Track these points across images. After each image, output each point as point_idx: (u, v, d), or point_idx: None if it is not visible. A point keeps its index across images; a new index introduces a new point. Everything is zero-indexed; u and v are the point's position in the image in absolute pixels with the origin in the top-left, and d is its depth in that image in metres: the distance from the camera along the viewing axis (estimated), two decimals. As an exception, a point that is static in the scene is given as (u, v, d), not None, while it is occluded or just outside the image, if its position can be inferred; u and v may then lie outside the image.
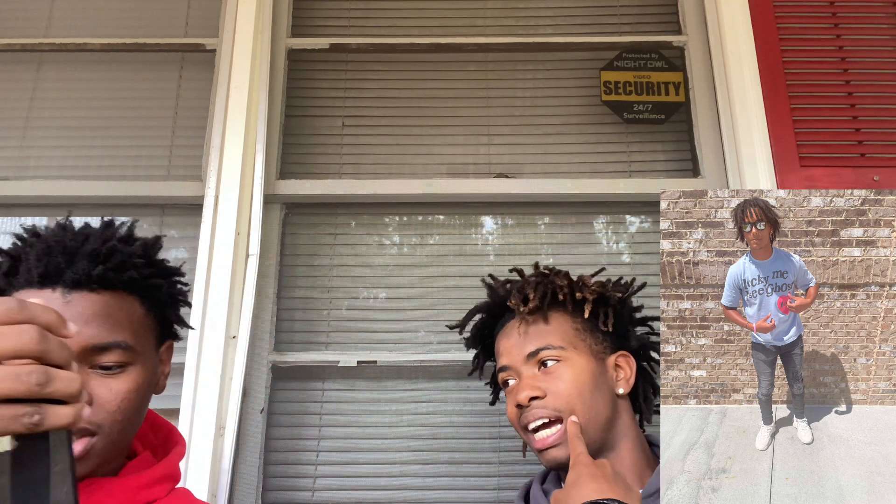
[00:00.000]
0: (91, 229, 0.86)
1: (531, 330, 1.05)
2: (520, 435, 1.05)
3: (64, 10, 1.85)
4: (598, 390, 1.02)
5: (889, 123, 1.61)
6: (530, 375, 1.02)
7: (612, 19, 1.84)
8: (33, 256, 0.80)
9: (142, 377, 0.83)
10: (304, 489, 1.49)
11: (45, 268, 0.79)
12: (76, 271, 0.79)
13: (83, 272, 0.79)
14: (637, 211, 1.69)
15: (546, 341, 1.03)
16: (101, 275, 0.80)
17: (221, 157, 1.56)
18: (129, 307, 0.83)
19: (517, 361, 1.04)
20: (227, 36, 1.68)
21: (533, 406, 0.99)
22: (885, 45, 1.67)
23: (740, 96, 1.61)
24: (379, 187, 1.67)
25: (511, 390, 1.05)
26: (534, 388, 1.00)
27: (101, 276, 0.80)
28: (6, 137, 1.73)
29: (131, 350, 0.81)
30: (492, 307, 1.16)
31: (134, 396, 0.81)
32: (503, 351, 1.08)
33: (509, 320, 1.09)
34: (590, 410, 0.99)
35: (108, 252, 0.82)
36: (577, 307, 1.08)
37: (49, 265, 0.79)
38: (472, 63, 1.81)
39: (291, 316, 1.61)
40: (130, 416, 0.81)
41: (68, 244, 0.81)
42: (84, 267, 0.79)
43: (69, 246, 0.81)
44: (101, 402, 0.78)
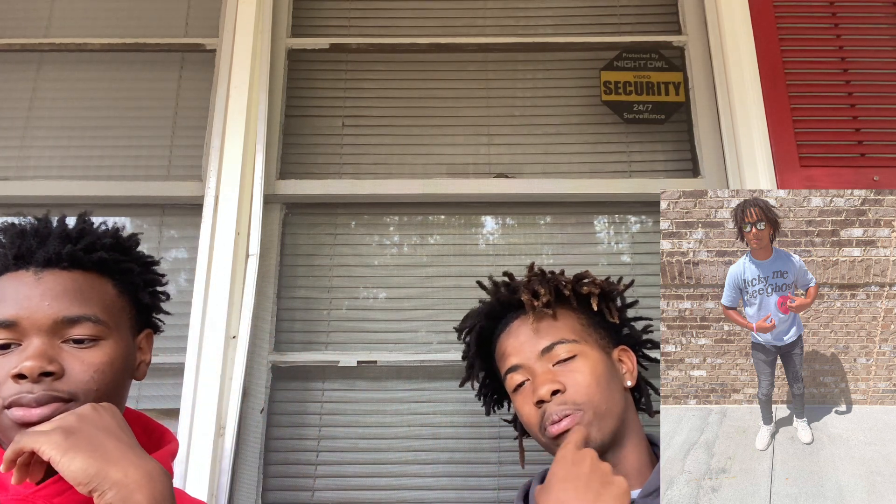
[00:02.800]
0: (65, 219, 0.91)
1: (542, 326, 1.03)
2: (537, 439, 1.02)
3: (64, 10, 1.85)
4: (612, 382, 1.01)
5: (889, 123, 1.61)
6: (546, 371, 1.00)
7: (612, 19, 1.84)
8: (7, 240, 0.86)
9: (115, 352, 0.85)
10: (304, 489, 1.49)
11: (18, 249, 0.84)
12: (47, 251, 0.84)
13: (53, 251, 0.84)
14: (637, 211, 1.69)
15: (560, 335, 1.02)
16: (70, 253, 0.84)
17: (221, 157, 1.56)
18: (100, 286, 0.87)
19: (530, 359, 1.02)
20: (227, 36, 1.68)
21: (554, 401, 0.97)
22: (885, 45, 1.67)
23: (740, 96, 1.61)
24: (379, 187, 1.67)
25: (526, 390, 1.02)
26: (554, 382, 0.97)
27: (71, 255, 0.85)
28: (6, 137, 1.73)
29: (102, 324, 0.84)
30: (492, 309, 1.13)
31: (108, 369, 0.83)
32: (511, 351, 1.05)
33: (513, 320, 1.07)
34: (608, 401, 0.98)
35: (78, 234, 0.88)
36: (581, 303, 1.08)
37: (21, 247, 0.84)
38: (472, 63, 1.81)
39: (291, 316, 1.61)
40: (106, 389, 0.83)
41: (41, 228, 0.87)
42: (54, 247, 0.84)
43: (41, 230, 0.87)
44: (74, 374, 0.81)
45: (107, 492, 0.68)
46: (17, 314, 0.80)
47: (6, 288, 0.83)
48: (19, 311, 0.80)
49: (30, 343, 0.80)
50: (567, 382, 0.98)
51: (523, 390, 1.02)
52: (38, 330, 0.80)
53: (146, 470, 0.71)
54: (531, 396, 0.99)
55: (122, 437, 0.74)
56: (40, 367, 0.78)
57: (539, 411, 0.98)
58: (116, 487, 0.69)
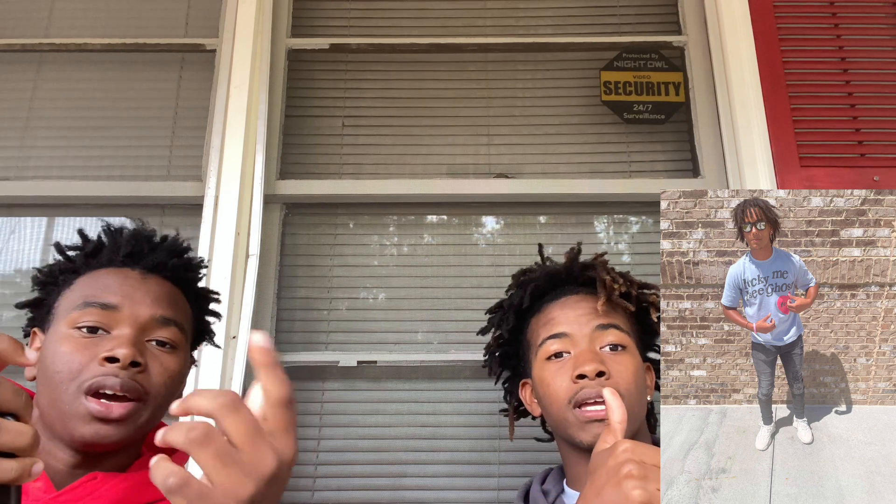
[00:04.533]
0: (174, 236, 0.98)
1: (605, 308, 0.99)
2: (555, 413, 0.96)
3: (64, 10, 1.85)
4: (642, 389, 0.98)
5: (889, 123, 1.61)
6: (595, 350, 0.95)
7: (612, 19, 1.84)
8: (122, 239, 0.92)
9: (183, 365, 0.89)
10: (304, 489, 1.49)
11: (132, 248, 0.90)
12: (157, 257, 0.91)
13: (161, 260, 0.91)
14: (637, 211, 1.69)
15: (618, 321, 0.99)
16: (174, 266, 0.92)
17: (221, 157, 1.56)
18: (184, 302, 0.93)
19: (581, 331, 0.97)
20: (227, 36, 1.68)
21: (597, 381, 0.92)
22: (885, 45, 1.67)
23: (740, 96, 1.61)
24: (379, 187, 1.67)
25: (565, 362, 0.96)
26: (602, 363, 0.93)
27: (174, 267, 0.92)
28: (6, 137, 1.73)
29: (184, 332, 0.89)
30: (555, 276, 1.06)
31: (178, 378, 0.87)
32: (563, 319, 0.99)
33: (570, 293, 1.03)
34: (637, 403, 0.95)
35: (180, 251, 0.96)
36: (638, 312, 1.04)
37: (135, 247, 0.91)
38: (472, 63, 1.81)
39: (291, 316, 1.61)
40: (171, 396, 0.85)
41: (151, 236, 0.95)
42: (162, 256, 0.91)
43: (151, 237, 0.95)
44: (153, 373, 0.83)
45: None
46: (120, 301, 0.84)
47: (111, 279, 0.87)
48: (123, 299, 0.84)
49: (121, 333, 0.82)
50: (612, 370, 0.93)
51: (561, 361, 0.97)
52: (133, 321, 0.83)
53: None
54: (570, 369, 0.94)
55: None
56: (133, 355, 0.80)
57: (575, 386, 0.93)
58: None
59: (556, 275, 1.06)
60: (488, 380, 1.21)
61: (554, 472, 1.06)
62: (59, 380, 0.79)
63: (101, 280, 0.87)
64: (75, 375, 0.79)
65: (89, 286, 0.86)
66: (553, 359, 0.98)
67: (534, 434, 1.15)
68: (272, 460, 0.52)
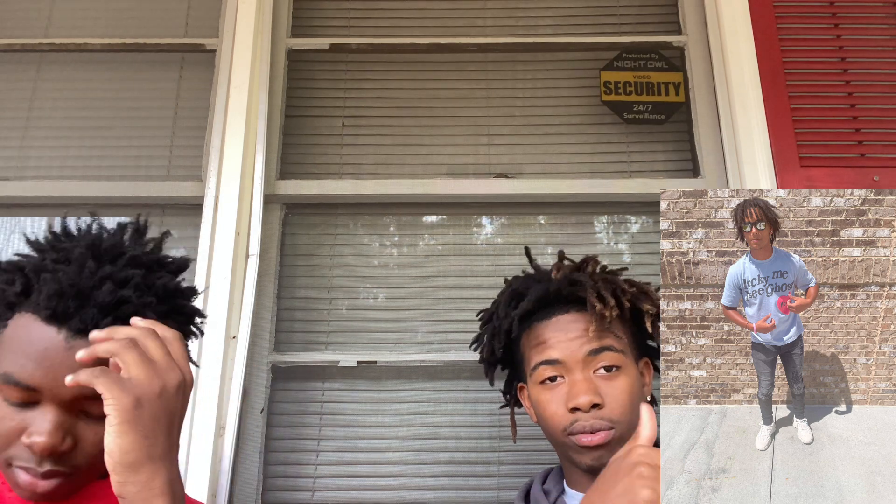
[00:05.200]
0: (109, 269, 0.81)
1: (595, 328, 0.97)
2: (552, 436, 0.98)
3: (64, 10, 1.85)
4: (639, 397, 0.98)
5: (889, 123, 1.61)
6: (588, 378, 0.95)
7: (612, 19, 1.84)
8: (44, 294, 0.77)
9: None
10: (304, 489, 1.49)
11: (54, 310, 0.76)
12: (84, 319, 0.77)
13: (91, 321, 0.77)
14: (637, 211, 1.69)
15: (609, 342, 0.97)
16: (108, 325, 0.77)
17: (221, 157, 1.56)
18: None
19: (573, 358, 0.96)
20: (227, 36, 1.68)
21: (592, 414, 0.93)
22: (885, 45, 1.67)
23: (740, 96, 1.61)
24: (379, 187, 1.67)
25: (559, 389, 0.96)
26: (595, 394, 0.93)
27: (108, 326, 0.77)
28: (6, 137, 1.73)
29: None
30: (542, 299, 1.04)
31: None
32: (554, 343, 0.99)
33: (561, 312, 1.01)
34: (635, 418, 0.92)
35: (121, 300, 0.79)
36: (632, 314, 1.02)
37: (58, 307, 0.76)
38: (472, 63, 1.81)
39: (291, 316, 1.61)
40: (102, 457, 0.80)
41: (82, 286, 0.78)
42: (93, 316, 0.77)
43: (82, 288, 0.78)
44: (84, 445, 0.77)
45: (130, 486, 0.66)
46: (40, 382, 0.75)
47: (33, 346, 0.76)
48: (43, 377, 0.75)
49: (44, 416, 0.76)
50: (606, 396, 0.94)
51: (555, 387, 0.97)
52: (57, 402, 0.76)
53: (171, 478, 0.69)
54: (564, 397, 0.95)
55: (172, 434, 0.71)
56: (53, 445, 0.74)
57: (571, 416, 0.94)
58: (140, 486, 0.66)
59: (545, 297, 1.04)
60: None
61: (554, 472, 1.06)
62: None
63: (24, 344, 0.76)
64: (2, 448, 0.76)
65: (12, 351, 0.76)
66: (547, 382, 0.98)
67: (534, 434, 1.15)
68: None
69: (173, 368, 0.72)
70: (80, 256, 0.81)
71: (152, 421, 0.69)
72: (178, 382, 0.72)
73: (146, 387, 0.69)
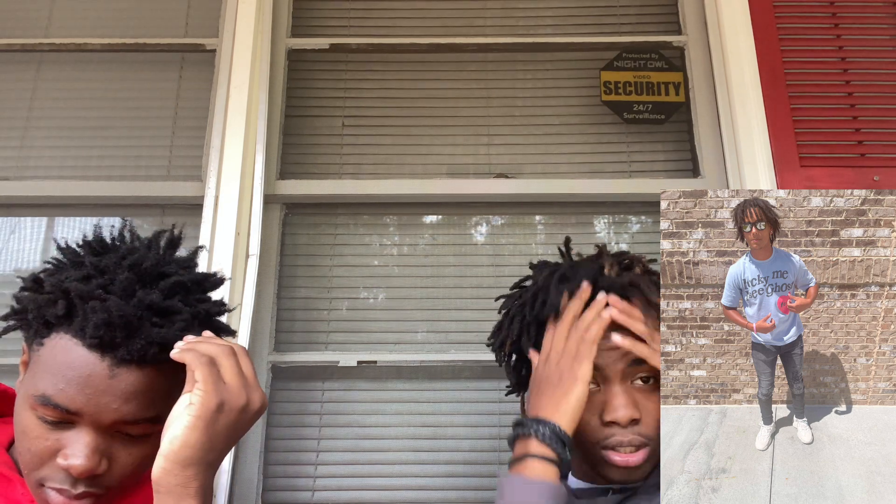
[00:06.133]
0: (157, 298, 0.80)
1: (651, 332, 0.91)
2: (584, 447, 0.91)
3: (64, 10, 1.85)
4: None
5: (889, 123, 1.61)
6: (628, 391, 0.89)
7: (612, 19, 1.84)
8: (92, 323, 0.76)
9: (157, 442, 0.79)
10: (304, 489, 1.49)
11: (101, 340, 0.76)
12: (132, 351, 0.76)
13: (137, 353, 0.77)
14: (637, 211, 1.69)
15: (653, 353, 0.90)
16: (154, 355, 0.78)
17: (221, 157, 1.56)
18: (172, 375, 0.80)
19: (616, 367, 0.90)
20: (227, 36, 1.68)
21: (629, 430, 0.87)
22: (885, 45, 1.67)
23: (740, 96, 1.61)
24: (379, 187, 1.67)
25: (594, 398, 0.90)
26: (635, 409, 0.88)
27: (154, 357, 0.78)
28: (6, 137, 1.73)
29: (159, 422, 0.78)
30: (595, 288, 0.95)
31: (147, 461, 0.80)
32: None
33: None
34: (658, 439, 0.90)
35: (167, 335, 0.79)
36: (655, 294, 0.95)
37: (105, 337, 0.76)
38: (472, 63, 1.81)
39: (291, 316, 1.61)
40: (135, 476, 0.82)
41: (129, 316, 0.77)
42: (139, 348, 0.77)
43: (130, 319, 0.77)
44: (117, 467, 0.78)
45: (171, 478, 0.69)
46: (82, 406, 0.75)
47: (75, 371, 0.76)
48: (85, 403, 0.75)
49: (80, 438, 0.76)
50: (644, 410, 0.89)
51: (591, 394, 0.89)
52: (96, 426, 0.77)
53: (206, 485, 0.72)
54: (599, 407, 0.89)
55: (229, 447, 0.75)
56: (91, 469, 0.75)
57: (606, 430, 0.88)
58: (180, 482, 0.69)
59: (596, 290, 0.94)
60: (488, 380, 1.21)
61: None
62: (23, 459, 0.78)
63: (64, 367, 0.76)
64: (35, 467, 0.76)
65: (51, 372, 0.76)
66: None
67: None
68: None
69: (258, 389, 0.77)
70: (126, 282, 0.79)
71: (224, 429, 0.73)
72: (260, 404, 0.77)
73: (234, 397, 0.74)
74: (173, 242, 0.91)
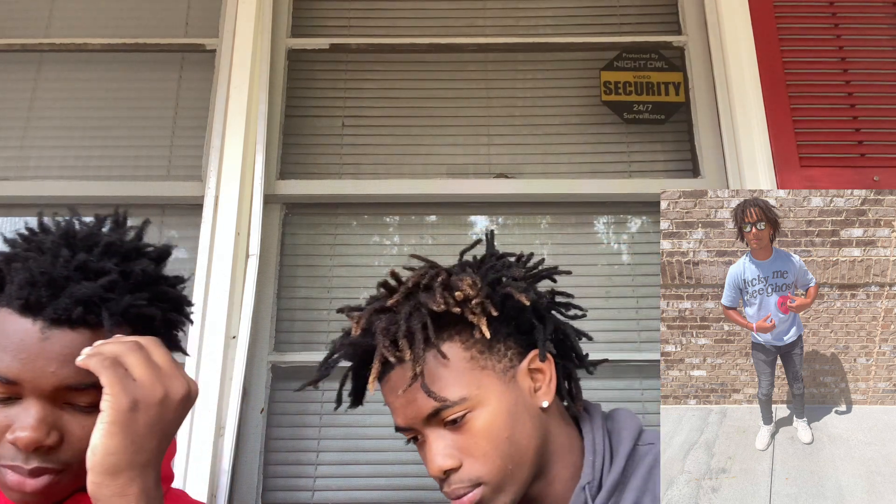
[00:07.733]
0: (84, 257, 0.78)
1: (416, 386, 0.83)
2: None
3: (64, 10, 1.85)
4: (518, 423, 0.84)
5: (889, 123, 1.61)
6: (438, 438, 0.85)
7: (612, 19, 1.84)
8: (16, 284, 0.75)
9: None
10: (304, 489, 1.49)
11: (27, 300, 0.74)
12: (57, 309, 0.74)
13: (64, 311, 0.74)
14: (637, 211, 1.69)
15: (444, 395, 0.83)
16: (83, 316, 0.75)
17: (221, 157, 1.56)
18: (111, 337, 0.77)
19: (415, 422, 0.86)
20: (227, 36, 1.68)
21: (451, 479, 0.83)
22: (885, 45, 1.67)
23: (740, 96, 1.61)
24: (379, 187, 1.67)
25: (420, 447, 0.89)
26: (446, 457, 0.83)
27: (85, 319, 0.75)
28: (6, 137, 1.73)
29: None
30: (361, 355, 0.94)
31: None
32: (392, 408, 0.90)
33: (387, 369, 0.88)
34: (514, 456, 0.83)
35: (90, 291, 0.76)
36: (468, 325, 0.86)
37: (30, 297, 0.74)
38: (472, 63, 1.81)
39: (291, 316, 1.61)
40: None
41: (55, 274, 0.75)
42: (66, 305, 0.74)
43: (55, 277, 0.75)
44: (72, 440, 0.75)
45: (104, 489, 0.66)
46: (18, 373, 0.73)
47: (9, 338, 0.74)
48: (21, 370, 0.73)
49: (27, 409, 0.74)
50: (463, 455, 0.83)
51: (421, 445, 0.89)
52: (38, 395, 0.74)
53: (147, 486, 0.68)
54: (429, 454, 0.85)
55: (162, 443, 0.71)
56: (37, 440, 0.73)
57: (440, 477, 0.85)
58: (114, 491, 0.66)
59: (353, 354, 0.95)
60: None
61: None
62: None
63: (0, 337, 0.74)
64: None
65: None
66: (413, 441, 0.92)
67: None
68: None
69: (178, 377, 0.72)
70: (52, 245, 0.78)
71: (145, 427, 0.69)
72: (184, 391, 0.72)
73: (148, 391, 0.70)
74: (118, 222, 0.91)
